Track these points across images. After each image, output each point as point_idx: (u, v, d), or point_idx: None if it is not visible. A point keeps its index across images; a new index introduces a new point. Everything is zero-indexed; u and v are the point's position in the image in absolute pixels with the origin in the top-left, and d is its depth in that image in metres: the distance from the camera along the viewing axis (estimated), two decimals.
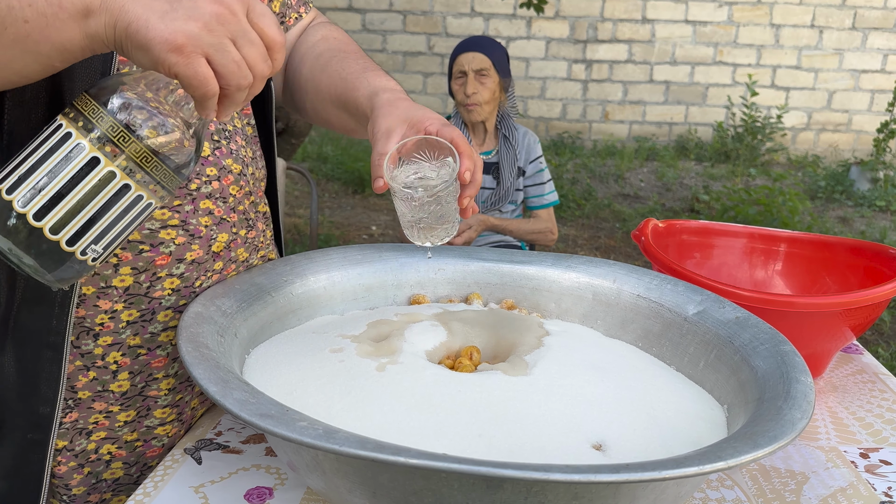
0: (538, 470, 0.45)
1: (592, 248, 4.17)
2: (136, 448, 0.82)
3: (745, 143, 6.07)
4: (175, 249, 0.75)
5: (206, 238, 0.77)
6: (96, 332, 0.74)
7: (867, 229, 4.61)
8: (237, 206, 0.82)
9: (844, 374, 1.01)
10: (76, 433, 0.77)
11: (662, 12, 6.17)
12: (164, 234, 0.74)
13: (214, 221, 0.78)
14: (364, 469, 0.54)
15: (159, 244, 0.74)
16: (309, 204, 4.57)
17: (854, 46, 6.16)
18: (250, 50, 0.56)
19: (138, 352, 0.77)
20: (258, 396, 0.55)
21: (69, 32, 0.54)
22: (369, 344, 0.72)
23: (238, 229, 0.82)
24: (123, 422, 0.79)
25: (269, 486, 0.69)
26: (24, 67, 0.57)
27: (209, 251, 0.78)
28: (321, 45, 0.94)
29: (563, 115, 6.47)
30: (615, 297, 0.87)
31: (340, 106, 0.87)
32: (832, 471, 0.77)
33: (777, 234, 1.17)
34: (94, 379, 0.76)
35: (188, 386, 0.84)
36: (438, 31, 6.32)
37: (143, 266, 0.74)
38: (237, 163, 0.82)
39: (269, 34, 0.57)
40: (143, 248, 0.73)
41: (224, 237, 0.80)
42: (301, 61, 0.95)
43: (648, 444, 0.61)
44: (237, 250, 0.82)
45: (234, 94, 0.56)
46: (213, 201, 0.78)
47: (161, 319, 0.78)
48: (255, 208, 0.86)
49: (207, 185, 0.77)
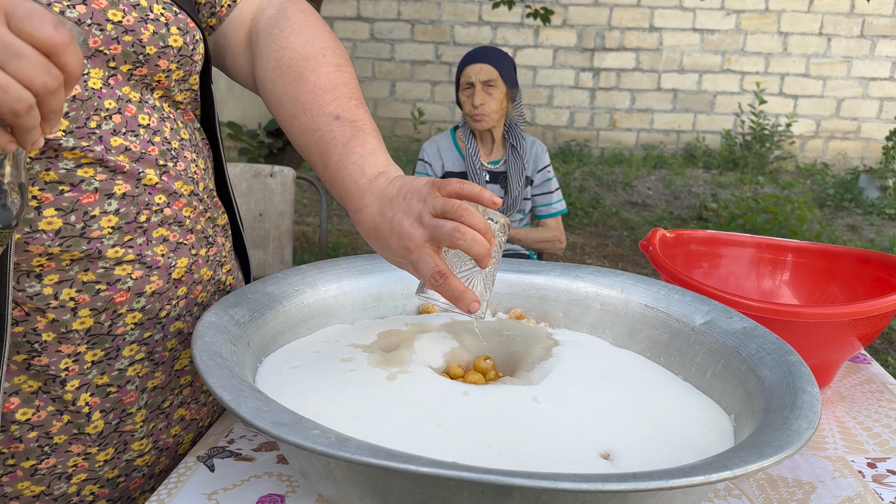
0: (547, 479, 0.46)
1: (600, 256, 4.17)
2: (119, 484, 0.80)
3: (754, 150, 6.06)
4: (133, 284, 0.72)
5: (165, 267, 0.74)
6: (62, 377, 0.71)
7: (876, 237, 4.60)
8: (194, 226, 0.78)
9: (852, 384, 1.01)
10: (54, 478, 0.74)
11: (670, 20, 6.18)
12: (120, 271, 0.70)
13: (171, 248, 0.75)
14: (375, 477, 0.55)
15: (116, 281, 0.70)
16: (318, 212, 4.59)
17: (862, 54, 6.15)
18: (19, 65, 0.46)
19: (108, 390, 0.75)
20: (271, 405, 0.56)
21: None
22: (380, 354, 0.73)
23: (198, 250, 0.79)
24: (103, 461, 0.77)
25: (280, 493, 0.70)
26: None
27: (169, 279, 0.75)
28: (285, 57, 0.81)
29: (571, 123, 6.48)
30: (623, 307, 0.88)
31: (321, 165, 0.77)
32: (839, 480, 0.77)
33: (784, 243, 1.17)
34: (68, 422, 0.73)
35: (160, 414, 0.81)
36: (446, 39, 6.34)
37: (103, 306, 0.71)
38: (188, 184, 0.77)
39: (42, 37, 0.46)
40: (100, 287, 0.70)
41: (184, 261, 0.76)
42: (264, 69, 0.83)
43: (656, 454, 0.62)
44: (200, 271, 0.79)
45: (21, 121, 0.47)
46: (166, 227, 0.74)
47: (127, 354, 0.75)
48: (213, 223, 0.83)
49: (158, 213, 0.73)
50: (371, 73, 6.44)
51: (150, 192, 0.72)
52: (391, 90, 6.49)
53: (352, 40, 6.36)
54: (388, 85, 6.47)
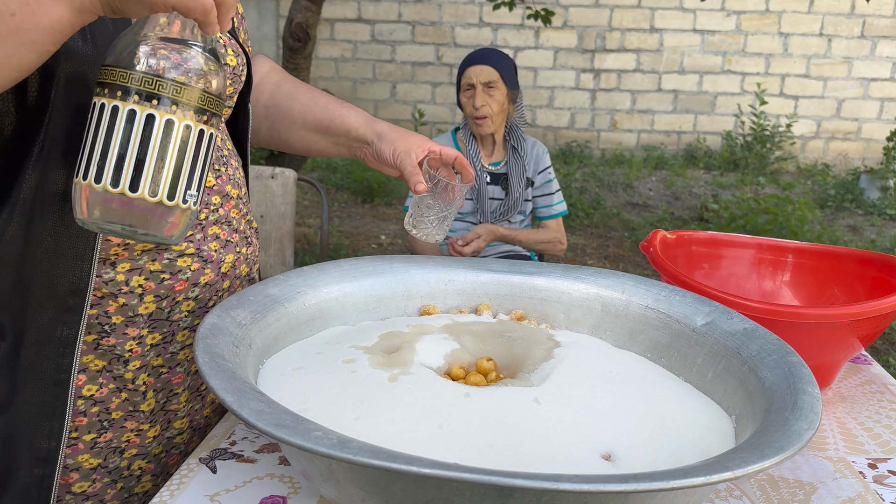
0: (548, 479, 0.46)
1: (601, 257, 4.17)
2: (161, 459, 0.87)
3: (754, 151, 6.06)
4: (191, 275, 0.81)
5: (217, 262, 0.84)
6: (126, 357, 0.80)
7: (877, 238, 4.60)
8: (238, 226, 0.88)
9: (853, 385, 1.01)
10: (110, 452, 0.82)
11: (670, 22, 6.19)
12: (182, 262, 0.80)
13: (221, 245, 0.85)
14: (377, 478, 0.55)
15: (178, 272, 0.80)
16: (319, 214, 4.60)
17: (863, 55, 6.15)
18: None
19: (161, 371, 0.83)
20: (273, 406, 0.56)
21: (56, 13, 0.57)
22: (381, 355, 0.74)
23: (240, 248, 0.88)
24: (152, 437, 0.85)
25: (282, 494, 0.70)
26: (22, 60, 0.59)
27: (219, 273, 0.85)
28: (273, 76, 1.05)
29: (572, 125, 6.48)
30: (624, 309, 0.88)
31: (320, 131, 1.00)
32: (840, 481, 0.77)
33: (785, 244, 1.18)
34: (125, 400, 0.81)
35: (198, 396, 0.90)
36: (447, 41, 6.35)
37: (165, 293, 0.80)
38: (235, 187, 0.88)
39: None
40: (164, 276, 0.79)
41: (230, 258, 0.86)
42: (257, 89, 1.04)
43: (657, 455, 0.62)
44: (240, 267, 0.89)
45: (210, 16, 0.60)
46: (219, 226, 0.84)
47: (179, 339, 0.84)
48: (250, 226, 0.92)
49: (214, 212, 0.84)
50: (372, 74, 6.45)
51: (209, 193, 0.83)
52: (392, 92, 6.49)
53: (352, 42, 6.37)
54: (389, 86, 6.48)
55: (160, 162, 0.59)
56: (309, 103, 1.01)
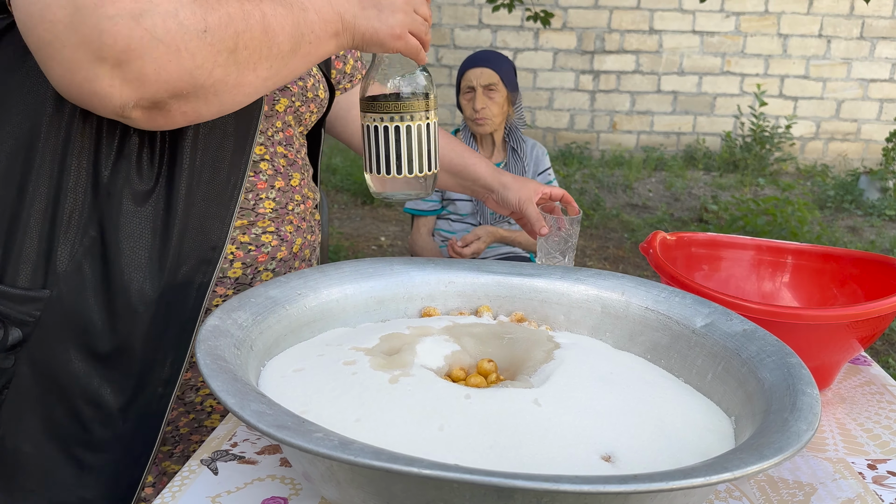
0: (548, 480, 0.46)
1: (601, 259, 4.17)
2: None
3: (754, 152, 6.07)
4: (270, 250, 0.96)
5: (290, 242, 0.99)
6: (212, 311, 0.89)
7: (877, 239, 4.60)
8: (308, 219, 1.05)
9: (852, 386, 1.02)
10: (188, 388, 0.95)
11: (670, 23, 6.19)
12: (265, 238, 0.95)
13: (295, 229, 1.00)
14: (378, 479, 0.55)
15: (261, 246, 0.94)
16: None
17: (862, 56, 6.16)
18: (421, 8, 0.86)
19: None
20: (274, 408, 0.56)
21: (328, 47, 0.82)
22: (382, 357, 0.74)
23: (307, 235, 1.04)
24: None
25: (283, 496, 0.71)
26: (299, 73, 0.82)
27: (291, 252, 0.99)
28: None
29: (571, 126, 6.49)
30: (624, 310, 0.88)
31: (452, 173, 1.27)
32: (840, 482, 0.77)
33: (784, 246, 1.18)
34: None
35: None
36: (446, 42, 6.36)
37: (250, 262, 0.94)
38: (311, 191, 1.06)
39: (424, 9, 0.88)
40: (251, 248, 0.94)
41: (300, 241, 1.01)
42: None
43: (657, 456, 0.62)
44: (304, 251, 1.03)
45: (426, 40, 0.88)
46: (295, 217, 1.01)
47: None
48: (314, 218, 1.08)
49: (297, 206, 1.01)
50: None
51: (294, 191, 0.99)
52: None
53: None
54: None
55: (413, 152, 0.91)
56: (445, 147, 1.24)
